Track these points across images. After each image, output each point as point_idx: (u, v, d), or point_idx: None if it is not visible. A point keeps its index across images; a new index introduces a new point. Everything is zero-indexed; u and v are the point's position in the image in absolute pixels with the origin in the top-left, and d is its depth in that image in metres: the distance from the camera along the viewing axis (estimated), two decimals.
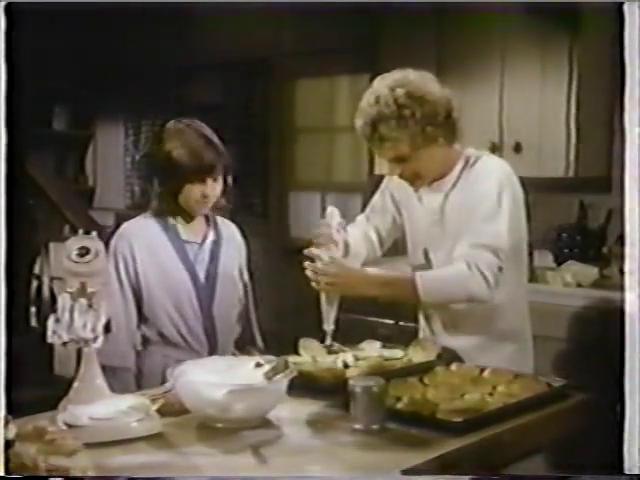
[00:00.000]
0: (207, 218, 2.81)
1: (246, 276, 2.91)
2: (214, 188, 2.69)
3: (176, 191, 2.68)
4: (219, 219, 2.85)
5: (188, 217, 2.75)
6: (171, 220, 2.73)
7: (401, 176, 2.57)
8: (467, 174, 2.55)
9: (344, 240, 2.52)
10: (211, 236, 2.79)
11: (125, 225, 2.76)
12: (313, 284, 2.47)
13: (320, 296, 2.50)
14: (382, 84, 2.48)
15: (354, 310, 3.15)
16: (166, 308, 2.67)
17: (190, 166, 2.63)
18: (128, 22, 5.69)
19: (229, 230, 2.88)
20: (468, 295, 2.43)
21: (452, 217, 2.54)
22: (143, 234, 2.70)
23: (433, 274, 2.51)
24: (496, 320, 2.56)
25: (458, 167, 2.57)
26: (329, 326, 2.49)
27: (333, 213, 2.56)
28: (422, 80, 2.49)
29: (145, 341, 2.69)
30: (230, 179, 2.77)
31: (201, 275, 2.72)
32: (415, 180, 2.58)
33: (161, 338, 2.68)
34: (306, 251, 2.50)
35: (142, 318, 2.68)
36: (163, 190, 2.70)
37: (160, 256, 2.68)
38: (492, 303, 2.46)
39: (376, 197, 2.82)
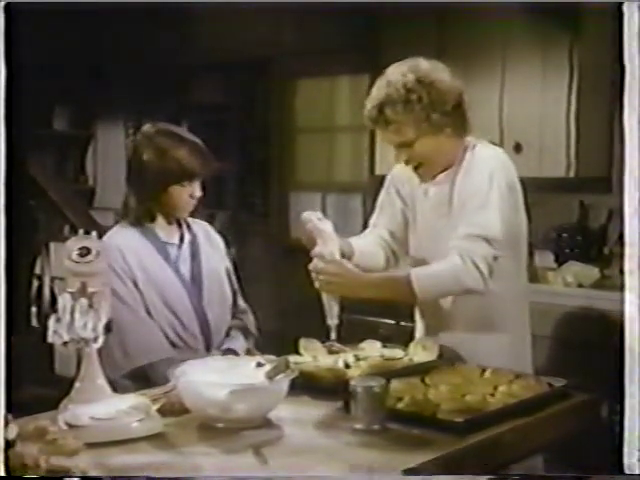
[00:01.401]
0: (178, 221, 2.80)
1: (231, 268, 2.90)
2: (198, 187, 2.72)
3: (162, 196, 2.68)
4: (190, 220, 2.84)
5: (168, 220, 2.76)
6: (148, 224, 2.73)
7: (407, 163, 2.58)
8: (464, 163, 2.55)
9: (331, 229, 2.52)
10: (187, 236, 2.79)
11: (108, 236, 2.72)
12: (315, 284, 2.48)
13: (321, 294, 2.50)
14: (394, 70, 2.53)
15: (354, 310, 3.15)
16: (161, 310, 2.66)
17: (179, 171, 2.65)
18: (128, 22, 5.69)
19: (202, 228, 2.89)
20: (463, 288, 2.43)
21: (457, 207, 2.54)
22: (129, 242, 2.69)
23: (427, 271, 2.50)
24: (492, 310, 2.56)
25: (459, 157, 2.57)
26: (333, 320, 2.49)
27: (309, 214, 2.56)
28: (433, 68, 2.52)
29: None
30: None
31: (186, 275, 2.73)
32: (420, 169, 2.58)
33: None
34: (312, 253, 2.50)
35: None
36: (146, 196, 2.70)
37: (146, 260, 2.68)
38: (489, 293, 2.46)
39: (381, 196, 2.82)
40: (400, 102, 2.45)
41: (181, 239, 2.78)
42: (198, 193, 2.72)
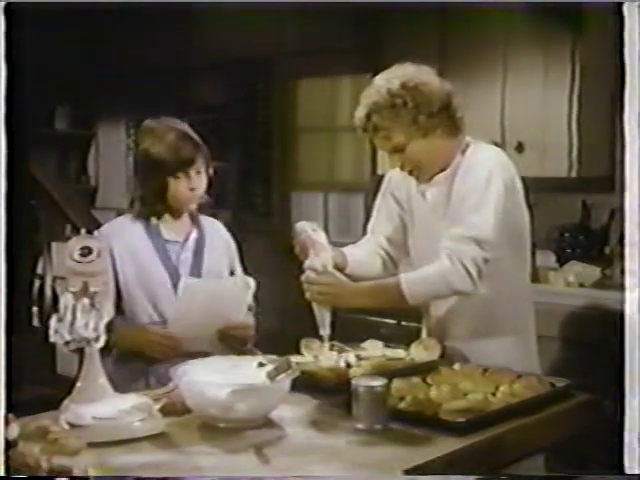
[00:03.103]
0: (192, 217, 2.78)
1: (240, 271, 2.88)
2: (200, 181, 2.69)
3: (161, 189, 2.66)
4: (202, 217, 2.82)
5: (174, 216, 2.74)
6: (154, 220, 2.71)
7: (402, 168, 2.58)
8: (462, 164, 2.55)
9: (324, 240, 2.53)
10: (194, 234, 2.76)
11: (105, 226, 2.77)
12: (307, 295, 2.47)
13: (312, 304, 2.49)
14: (381, 77, 2.53)
15: (355, 310, 3.15)
16: (146, 309, 2.64)
17: (169, 160, 2.63)
18: (129, 22, 5.69)
19: (213, 227, 2.86)
20: (452, 290, 2.43)
21: (455, 209, 2.53)
22: (122, 234, 2.68)
23: (416, 275, 2.50)
24: (495, 311, 2.55)
25: (457, 159, 2.57)
26: (325, 331, 2.48)
27: (303, 224, 2.57)
28: (418, 72, 2.52)
29: None
30: (211, 173, 2.75)
31: (184, 275, 2.70)
32: (416, 172, 2.58)
33: None
34: (305, 265, 2.50)
35: (125, 318, 2.64)
36: (147, 189, 2.69)
37: (140, 256, 2.66)
38: (489, 293, 2.46)
39: (378, 201, 2.81)
40: (386, 108, 2.46)
41: (187, 236, 2.75)
42: (197, 184, 2.68)
